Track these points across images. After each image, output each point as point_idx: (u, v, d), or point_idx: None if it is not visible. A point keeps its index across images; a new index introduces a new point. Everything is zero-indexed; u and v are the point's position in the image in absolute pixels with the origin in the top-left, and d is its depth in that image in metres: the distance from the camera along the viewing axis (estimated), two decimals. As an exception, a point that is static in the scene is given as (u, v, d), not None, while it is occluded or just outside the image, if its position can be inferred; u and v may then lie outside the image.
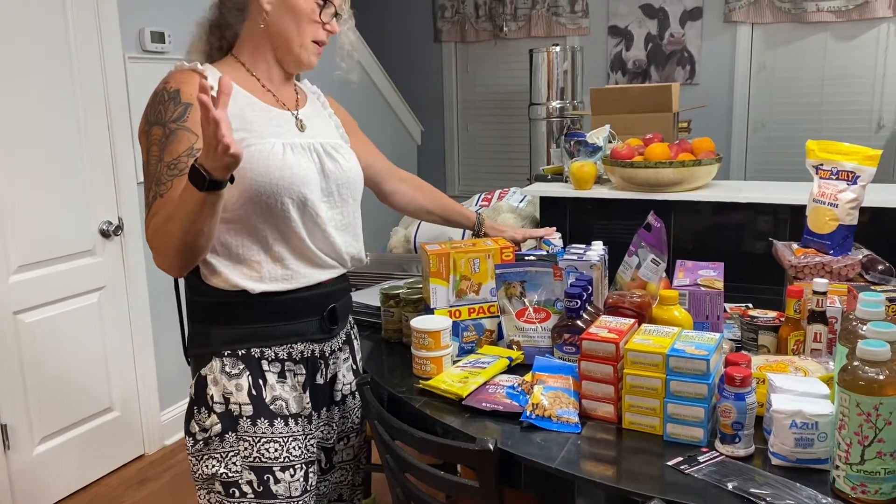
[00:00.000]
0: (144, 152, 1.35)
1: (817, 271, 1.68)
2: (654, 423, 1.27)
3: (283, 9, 1.41)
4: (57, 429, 2.82)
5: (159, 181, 1.30)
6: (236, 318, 1.41)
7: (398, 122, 5.34)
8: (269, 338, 1.43)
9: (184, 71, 1.39)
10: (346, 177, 1.49)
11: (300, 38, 1.43)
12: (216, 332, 1.42)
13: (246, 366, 1.41)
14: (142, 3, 3.05)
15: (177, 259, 1.29)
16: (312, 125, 1.51)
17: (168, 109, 1.33)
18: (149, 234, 1.31)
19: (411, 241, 2.77)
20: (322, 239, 1.45)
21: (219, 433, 1.39)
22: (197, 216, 1.21)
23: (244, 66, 1.46)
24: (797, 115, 4.95)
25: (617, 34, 5.33)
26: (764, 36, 4.98)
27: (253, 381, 1.41)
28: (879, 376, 1.01)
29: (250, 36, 1.45)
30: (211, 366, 1.41)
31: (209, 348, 1.42)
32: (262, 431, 1.40)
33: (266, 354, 1.43)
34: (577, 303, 1.48)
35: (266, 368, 1.43)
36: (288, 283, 1.42)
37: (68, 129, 2.78)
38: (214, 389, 1.40)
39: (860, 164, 1.72)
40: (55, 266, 2.77)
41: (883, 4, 4.56)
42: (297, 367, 1.47)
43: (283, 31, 1.42)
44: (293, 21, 1.41)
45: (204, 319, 1.43)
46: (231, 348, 1.41)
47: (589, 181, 2.60)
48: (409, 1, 5.89)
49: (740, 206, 2.41)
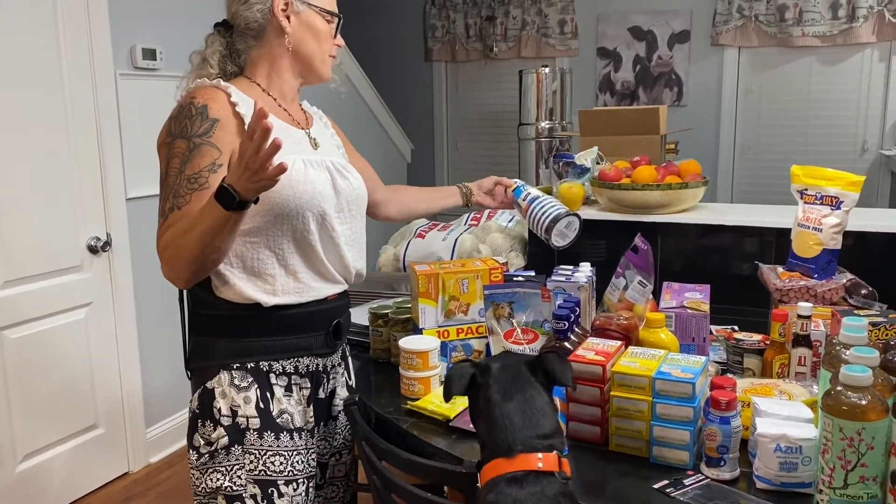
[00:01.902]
0: (164, 163, 1.36)
1: (802, 295, 1.70)
2: (640, 446, 1.28)
3: (304, 29, 1.47)
4: (41, 446, 2.80)
5: (178, 194, 1.32)
6: (246, 330, 1.42)
7: (388, 140, 5.37)
8: (278, 351, 1.44)
9: (208, 87, 1.42)
10: (355, 193, 1.53)
11: (321, 55, 1.51)
12: (224, 344, 1.42)
13: (255, 379, 1.42)
14: (134, 19, 3.06)
15: (187, 272, 1.31)
16: (322, 143, 1.55)
17: (195, 124, 1.35)
18: (160, 245, 1.32)
19: (400, 260, 2.78)
20: (334, 253, 1.48)
21: (225, 446, 1.39)
22: (217, 233, 1.24)
23: (260, 87, 1.49)
24: (783, 137, 5.01)
25: (606, 56, 5.39)
26: (750, 59, 5.04)
27: (261, 395, 1.42)
28: (862, 401, 1.03)
29: (267, 57, 1.49)
30: (219, 378, 1.41)
31: (216, 361, 1.42)
32: (268, 445, 1.41)
33: (274, 368, 1.44)
34: (565, 324, 1.50)
35: (274, 382, 1.44)
36: (299, 296, 1.44)
37: (58, 144, 2.78)
38: (222, 402, 1.40)
39: (843, 190, 1.74)
40: (42, 282, 2.76)
41: (867, 30, 4.64)
42: (303, 381, 1.48)
43: (305, 49, 1.49)
44: (314, 39, 1.49)
45: (211, 332, 1.44)
46: (240, 361, 1.42)
47: (577, 202, 2.62)
48: (400, 20, 5.93)
49: (726, 229, 2.43)
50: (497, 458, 1.04)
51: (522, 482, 1.01)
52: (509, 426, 1.05)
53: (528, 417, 1.06)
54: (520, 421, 1.05)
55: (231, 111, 1.38)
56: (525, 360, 1.15)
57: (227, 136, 1.36)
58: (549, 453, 1.03)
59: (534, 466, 1.01)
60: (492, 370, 1.13)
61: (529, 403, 1.08)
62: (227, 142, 1.36)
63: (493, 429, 1.07)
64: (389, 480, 1.37)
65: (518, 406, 1.07)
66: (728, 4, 4.94)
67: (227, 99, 1.39)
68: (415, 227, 2.95)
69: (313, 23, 1.48)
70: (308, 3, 1.47)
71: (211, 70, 1.48)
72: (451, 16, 5.77)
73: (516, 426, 1.05)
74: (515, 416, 1.06)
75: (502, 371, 1.12)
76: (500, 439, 1.05)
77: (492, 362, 1.15)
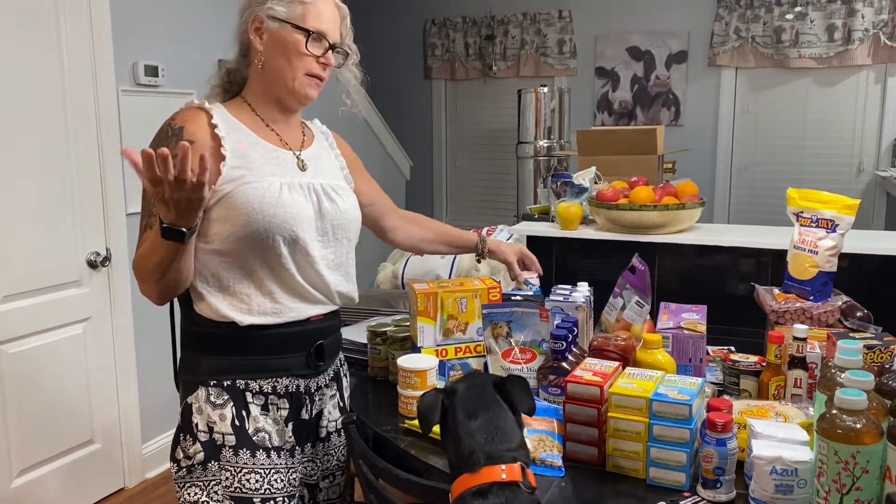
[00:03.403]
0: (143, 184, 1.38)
1: (798, 317, 1.72)
2: (637, 467, 1.29)
3: (274, 46, 1.45)
4: (37, 461, 2.79)
5: (151, 212, 1.36)
6: (223, 348, 1.44)
7: (387, 157, 5.39)
8: (255, 371, 1.45)
9: (191, 109, 1.44)
10: (342, 217, 1.52)
11: (293, 73, 1.46)
12: (204, 361, 1.44)
13: (230, 397, 1.43)
14: (136, 36, 3.09)
15: (154, 291, 1.38)
16: (315, 165, 1.54)
17: (170, 145, 1.36)
18: (133, 263, 1.39)
19: (399, 277, 2.78)
20: (313, 275, 1.47)
21: (202, 461, 1.41)
22: (172, 260, 1.31)
23: (250, 106, 1.50)
24: (780, 157, 5.04)
25: (604, 75, 5.43)
26: (747, 80, 5.08)
27: (236, 412, 1.42)
28: (857, 425, 1.04)
29: (255, 78, 1.50)
30: (197, 394, 1.43)
31: (196, 377, 1.44)
32: (243, 462, 1.41)
33: (251, 387, 1.45)
34: (563, 344, 1.51)
35: (250, 400, 1.44)
36: (276, 317, 1.44)
37: (59, 158, 2.79)
38: (199, 418, 1.42)
39: (839, 213, 1.76)
40: (41, 296, 2.76)
41: (862, 52, 4.68)
42: (281, 402, 1.48)
43: (276, 67, 1.46)
44: (283, 56, 1.45)
45: (193, 348, 1.47)
46: (217, 378, 1.43)
47: (575, 222, 2.64)
48: (400, 38, 5.98)
49: (723, 250, 2.45)
50: (463, 473, 1.06)
51: (486, 494, 1.03)
52: (473, 442, 1.08)
53: (491, 434, 1.09)
54: (483, 437, 1.08)
55: (209, 132, 1.40)
56: (492, 379, 1.19)
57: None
58: (513, 464, 1.05)
59: (497, 478, 1.04)
60: (458, 392, 1.16)
61: (493, 421, 1.11)
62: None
63: (459, 446, 1.09)
64: (387, 500, 1.37)
65: (482, 423, 1.10)
66: (725, 26, 4.99)
67: (208, 120, 1.41)
68: (413, 245, 2.95)
69: (284, 40, 1.45)
70: (281, 21, 1.44)
71: (215, 89, 1.54)
72: (451, 35, 5.82)
73: (479, 442, 1.08)
74: (479, 433, 1.09)
75: (468, 391, 1.16)
76: (464, 455, 1.08)
77: (458, 384, 1.18)
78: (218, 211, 1.39)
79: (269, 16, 1.44)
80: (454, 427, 1.12)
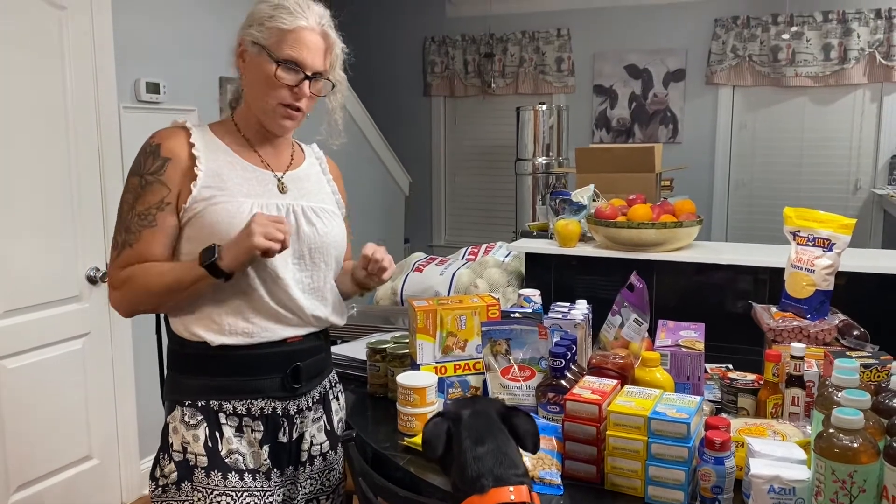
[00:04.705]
0: (121, 199, 1.44)
1: (795, 335, 1.72)
2: (636, 486, 1.29)
3: (251, 72, 1.44)
4: (34, 476, 2.77)
5: (129, 229, 1.40)
6: (197, 368, 1.45)
7: (386, 173, 5.41)
8: (228, 392, 1.44)
9: (169, 128, 1.46)
10: (320, 241, 1.49)
11: (264, 101, 1.43)
12: (180, 380, 1.46)
13: (204, 417, 1.43)
14: (138, 53, 3.11)
15: (139, 308, 1.44)
16: (299, 187, 1.51)
17: (148, 162, 1.40)
18: (117, 277, 1.41)
19: (398, 294, 2.80)
20: (284, 298, 1.44)
21: (175, 482, 1.42)
22: (188, 287, 1.36)
23: (236, 126, 1.51)
24: (777, 175, 5.07)
25: (602, 93, 5.46)
26: (744, 98, 5.12)
27: (209, 433, 1.42)
28: (854, 444, 1.04)
29: (243, 98, 1.52)
30: (174, 414, 1.44)
31: (175, 396, 1.46)
32: (215, 483, 1.40)
33: (224, 408, 1.44)
34: (562, 362, 1.51)
35: (223, 422, 1.44)
36: (248, 337, 1.43)
37: (60, 174, 2.80)
38: (174, 438, 1.43)
39: (835, 232, 1.77)
40: (41, 312, 2.76)
41: (858, 71, 4.72)
42: (256, 424, 1.46)
43: (253, 94, 1.46)
44: (258, 83, 1.43)
45: (172, 367, 1.49)
46: (191, 398, 1.44)
47: (573, 239, 2.65)
48: (400, 55, 6.02)
49: (721, 268, 2.46)
50: (471, 496, 1.07)
51: None
52: (481, 466, 1.09)
53: (499, 459, 1.11)
54: (491, 461, 1.10)
55: (187, 151, 1.41)
56: (496, 407, 1.21)
57: (176, 174, 1.40)
58: (520, 486, 1.07)
59: (506, 499, 1.05)
60: (463, 418, 1.17)
61: (500, 447, 1.12)
62: (176, 180, 1.40)
63: (466, 470, 1.10)
64: (386, 517, 1.37)
65: (489, 449, 1.12)
66: (722, 44, 5.03)
67: (187, 139, 1.42)
68: (412, 261, 2.97)
69: (260, 69, 1.41)
70: (260, 47, 1.41)
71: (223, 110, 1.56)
72: (450, 52, 5.86)
73: (487, 465, 1.09)
74: (487, 458, 1.10)
75: (473, 418, 1.17)
76: (472, 478, 1.09)
77: (462, 410, 1.19)
78: (189, 230, 1.40)
79: (250, 41, 1.43)
80: (461, 452, 1.13)
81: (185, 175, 1.40)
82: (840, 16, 4.72)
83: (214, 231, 1.38)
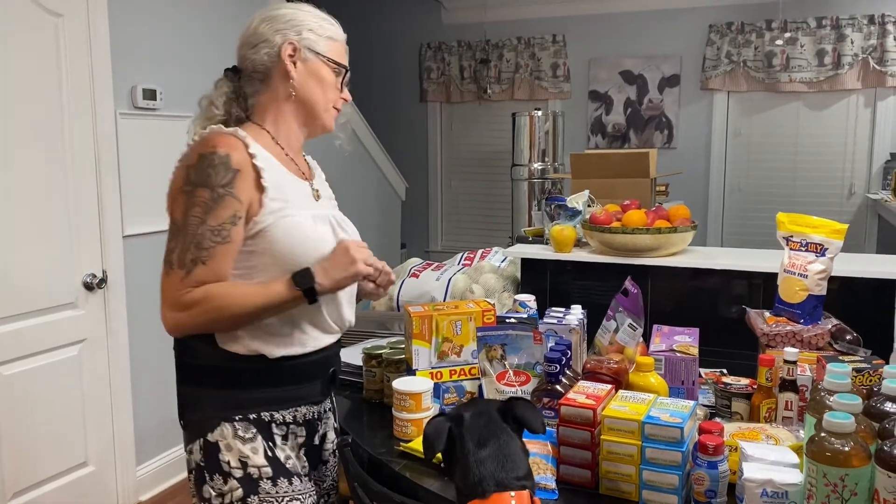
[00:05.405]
0: (181, 211, 1.34)
1: (788, 340, 1.73)
2: (630, 490, 1.30)
3: (309, 76, 1.47)
4: (31, 483, 2.77)
5: (200, 245, 1.32)
6: (251, 382, 1.41)
7: (383, 178, 5.42)
8: (280, 402, 1.45)
9: (226, 136, 1.39)
10: None
11: (325, 103, 1.49)
12: (232, 396, 1.41)
13: (258, 430, 1.41)
14: (135, 60, 3.12)
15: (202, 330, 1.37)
16: (324, 196, 1.56)
17: (218, 173, 1.33)
18: (184, 299, 1.32)
19: (394, 300, 2.80)
20: (333, 306, 1.47)
21: (240, 498, 1.38)
22: (276, 310, 1.37)
23: (269, 134, 1.47)
24: (772, 179, 5.09)
25: (597, 99, 5.48)
26: (739, 104, 5.15)
27: (266, 444, 1.42)
28: (845, 448, 1.05)
29: (272, 104, 1.48)
30: (222, 431, 1.39)
31: (222, 413, 1.40)
32: (283, 491, 1.41)
33: (275, 418, 1.44)
34: (557, 367, 1.52)
35: (275, 431, 1.44)
36: (302, 347, 1.45)
37: (56, 181, 2.81)
38: (229, 455, 1.38)
39: (828, 237, 1.79)
40: (37, 318, 2.77)
41: (852, 77, 4.75)
42: (299, 430, 1.49)
43: (309, 97, 1.47)
44: (318, 87, 1.48)
45: (212, 384, 1.42)
46: (242, 413, 1.40)
47: (569, 244, 2.66)
48: (396, 61, 6.04)
49: (715, 273, 2.47)
50: (472, 500, 1.08)
51: None
52: (483, 470, 1.10)
53: (500, 462, 1.11)
54: (493, 465, 1.10)
55: (249, 162, 1.37)
56: (496, 406, 1.21)
57: (246, 187, 1.35)
58: (522, 491, 1.08)
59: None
60: (465, 420, 1.17)
61: (502, 449, 1.13)
62: (246, 193, 1.35)
63: (468, 474, 1.11)
64: (382, 522, 1.38)
65: (491, 452, 1.12)
66: (717, 50, 5.06)
67: (246, 149, 1.38)
68: (409, 267, 2.98)
69: (319, 71, 1.47)
70: (316, 53, 1.46)
71: (216, 112, 1.46)
72: (447, 58, 5.88)
73: (489, 469, 1.10)
74: (489, 461, 1.11)
75: (475, 419, 1.17)
76: (474, 482, 1.09)
77: (464, 411, 1.20)
78: (259, 244, 1.37)
79: (306, 46, 1.45)
80: (463, 455, 1.13)
81: (253, 187, 1.36)
82: (834, 22, 4.75)
83: (286, 245, 1.37)
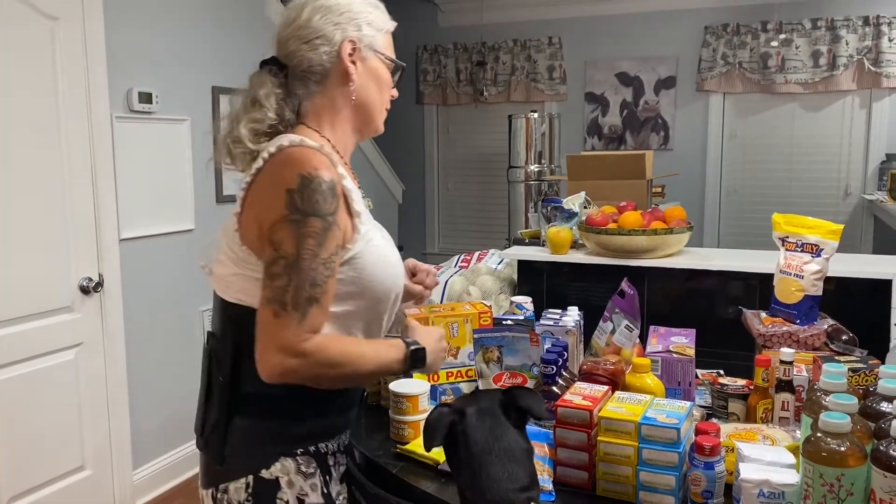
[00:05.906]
0: (293, 244, 1.16)
1: (784, 340, 1.74)
2: (627, 491, 1.30)
3: (369, 77, 1.36)
4: (27, 487, 2.77)
5: (315, 282, 1.16)
6: (311, 412, 1.29)
7: (379, 181, 5.42)
8: (333, 431, 1.35)
9: (318, 154, 1.22)
10: None
11: (381, 105, 1.41)
12: (289, 428, 1.28)
13: (317, 463, 1.30)
14: (131, 63, 3.12)
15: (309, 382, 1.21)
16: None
17: (326, 200, 1.18)
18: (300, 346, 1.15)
19: (391, 302, 2.80)
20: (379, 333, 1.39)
21: None
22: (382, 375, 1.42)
23: (330, 143, 1.33)
24: (768, 181, 5.10)
25: (593, 100, 5.49)
26: (735, 105, 5.15)
27: (322, 479, 1.31)
28: (841, 448, 1.05)
29: (329, 106, 1.35)
30: (283, 466, 1.26)
31: (281, 447, 1.27)
32: None
33: (329, 448, 1.33)
34: (553, 369, 1.52)
35: (331, 463, 1.33)
36: None
37: (52, 184, 2.81)
38: (290, 492, 1.25)
39: (823, 238, 1.79)
40: (33, 322, 2.76)
41: (847, 78, 4.76)
42: (342, 458, 1.38)
43: (367, 100, 1.37)
44: (377, 88, 1.38)
45: (267, 415, 1.27)
46: (303, 446, 1.29)
47: (565, 246, 2.66)
48: (392, 64, 6.03)
49: (711, 274, 2.47)
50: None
51: None
52: (487, 481, 1.09)
53: (506, 470, 1.09)
54: (498, 474, 1.09)
55: (341, 185, 1.23)
56: (499, 400, 1.17)
57: (343, 213, 1.23)
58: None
59: None
60: (468, 417, 1.15)
61: (508, 454, 1.11)
62: (343, 220, 1.23)
63: (473, 482, 1.10)
64: (379, 525, 1.37)
65: (496, 458, 1.10)
66: (713, 52, 5.07)
67: (335, 169, 1.23)
68: (405, 269, 2.97)
69: (377, 71, 1.37)
70: (374, 50, 1.36)
71: (269, 116, 1.28)
72: (443, 60, 5.88)
73: (494, 480, 1.08)
74: (494, 470, 1.09)
75: (480, 419, 1.15)
76: (479, 493, 1.08)
77: (467, 406, 1.17)
78: (347, 272, 1.24)
79: (366, 44, 1.35)
80: (469, 459, 1.11)
81: (345, 212, 1.23)
82: (829, 23, 4.76)
83: (373, 272, 1.26)
